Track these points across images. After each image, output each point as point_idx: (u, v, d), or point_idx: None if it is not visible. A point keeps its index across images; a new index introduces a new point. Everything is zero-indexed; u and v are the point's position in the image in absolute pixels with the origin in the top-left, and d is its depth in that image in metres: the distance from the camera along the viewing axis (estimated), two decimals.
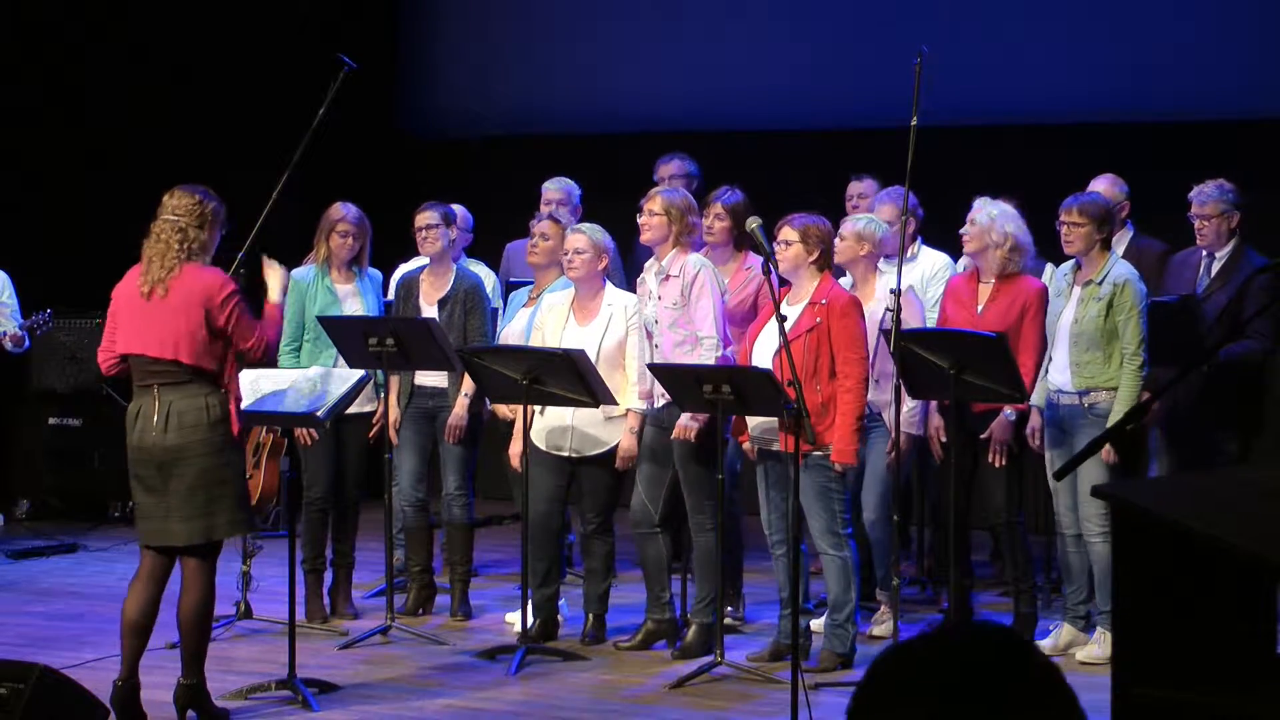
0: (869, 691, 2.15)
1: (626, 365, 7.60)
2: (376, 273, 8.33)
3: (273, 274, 6.79)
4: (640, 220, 7.57)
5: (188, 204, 6.36)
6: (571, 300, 7.72)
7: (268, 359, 6.59)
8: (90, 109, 11.02)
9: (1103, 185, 8.27)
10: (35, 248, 10.32)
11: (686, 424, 7.29)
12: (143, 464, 6.31)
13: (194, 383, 6.27)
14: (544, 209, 8.77)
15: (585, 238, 7.64)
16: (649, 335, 7.52)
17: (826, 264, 7.21)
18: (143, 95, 11.04)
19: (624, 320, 7.63)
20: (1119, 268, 7.31)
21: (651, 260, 7.60)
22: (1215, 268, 7.84)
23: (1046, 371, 7.36)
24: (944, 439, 7.54)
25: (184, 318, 6.25)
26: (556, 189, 8.96)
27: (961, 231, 7.62)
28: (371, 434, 8.15)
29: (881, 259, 7.84)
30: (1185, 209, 7.92)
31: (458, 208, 8.65)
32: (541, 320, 7.79)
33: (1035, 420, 7.41)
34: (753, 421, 7.18)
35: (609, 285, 7.74)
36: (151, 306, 6.28)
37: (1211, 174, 7.90)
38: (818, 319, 7.03)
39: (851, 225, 7.66)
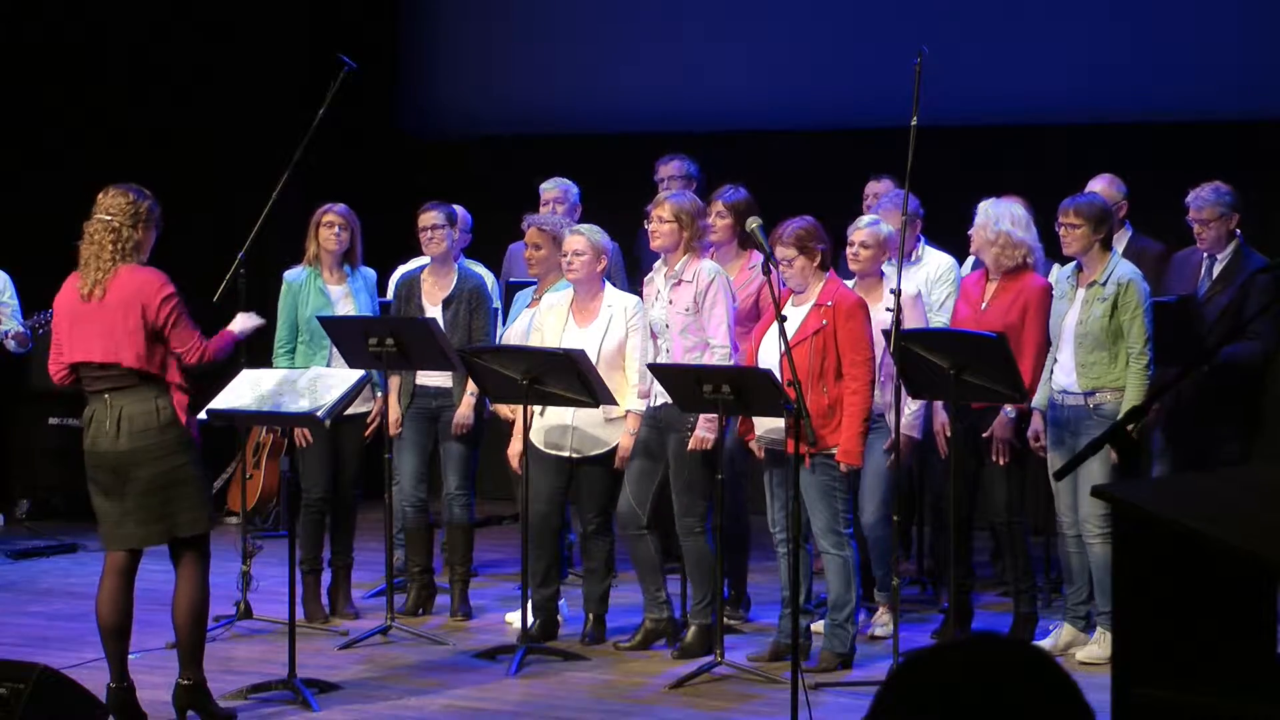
0: (888, 702, 2.14)
1: (626, 366, 7.58)
2: (370, 271, 8.28)
3: (244, 317, 6.74)
4: (650, 228, 7.54)
5: (121, 203, 6.23)
6: (571, 301, 7.71)
7: (205, 369, 6.38)
8: (90, 109, 11.01)
9: (1101, 185, 8.28)
10: (36, 248, 10.31)
11: (704, 436, 7.26)
12: (98, 469, 6.25)
13: (142, 386, 6.18)
14: (543, 209, 8.76)
15: (584, 239, 7.61)
16: (654, 336, 7.51)
17: (826, 263, 7.19)
18: (143, 95, 11.04)
19: (624, 322, 7.61)
20: (1122, 267, 7.30)
21: (660, 262, 7.57)
22: (1216, 270, 7.83)
23: (1051, 374, 7.35)
24: (949, 434, 7.54)
25: (122, 320, 6.15)
26: (554, 188, 8.96)
27: (970, 232, 7.65)
28: (368, 433, 8.14)
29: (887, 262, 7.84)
30: (1185, 210, 7.91)
31: (456, 208, 8.64)
32: (541, 321, 7.77)
33: (1037, 423, 7.39)
34: (761, 422, 7.16)
35: (608, 286, 7.73)
36: (91, 310, 6.19)
37: (1211, 174, 7.90)
38: (823, 320, 7.01)
39: (871, 232, 7.59)
